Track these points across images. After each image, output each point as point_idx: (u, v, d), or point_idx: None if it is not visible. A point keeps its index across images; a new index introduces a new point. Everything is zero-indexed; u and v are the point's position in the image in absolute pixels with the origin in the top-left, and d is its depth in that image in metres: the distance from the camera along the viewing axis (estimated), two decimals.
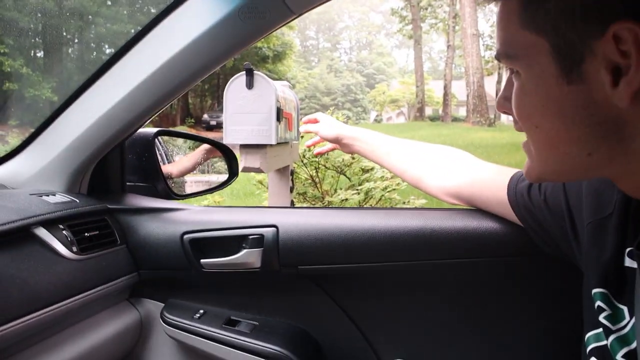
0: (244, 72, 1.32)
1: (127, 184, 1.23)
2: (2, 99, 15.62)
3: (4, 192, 1.02)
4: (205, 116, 20.07)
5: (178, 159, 1.58)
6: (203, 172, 1.68)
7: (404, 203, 3.46)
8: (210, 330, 1.05)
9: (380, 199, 3.35)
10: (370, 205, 3.33)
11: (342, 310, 1.04)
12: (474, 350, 1.00)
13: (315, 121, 1.30)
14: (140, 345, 1.15)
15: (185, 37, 0.89)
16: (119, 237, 1.07)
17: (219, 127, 18.93)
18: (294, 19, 0.85)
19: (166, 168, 1.42)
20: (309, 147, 1.31)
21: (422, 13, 33.43)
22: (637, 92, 0.42)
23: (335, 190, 3.62)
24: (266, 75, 1.41)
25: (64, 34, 19.04)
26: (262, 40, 1.23)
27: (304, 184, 3.67)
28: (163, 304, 1.14)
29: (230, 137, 1.38)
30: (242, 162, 1.52)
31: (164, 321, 1.09)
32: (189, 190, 1.55)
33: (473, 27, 21.26)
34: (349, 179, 3.70)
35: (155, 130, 1.26)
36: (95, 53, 20.43)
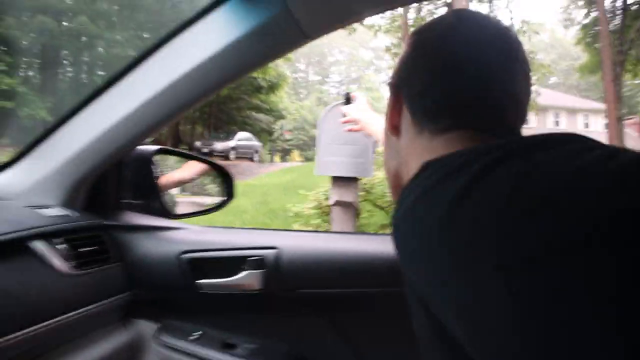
0: (343, 99, 1.26)
1: (122, 201, 1.20)
2: None
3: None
4: (198, 144, 20.07)
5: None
6: (195, 193, 1.65)
7: None
8: (206, 354, 1.01)
9: None
10: None
11: (341, 335, 1.01)
12: None
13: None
14: None
15: (197, 56, 0.88)
16: (114, 254, 1.04)
17: (210, 155, 18.91)
18: (307, 43, 0.85)
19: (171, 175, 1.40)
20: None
21: None
22: (393, 127, 0.65)
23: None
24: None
25: (63, 54, 19.16)
26: (259, 70, 1.21)
27: None
28: (157, 325, 1.10)
29: (324, 168, 1.32)
30: (334, 196, 1.43)
31: (157, 343, 1.06)
32: (181, 211, 1.53)
33: None
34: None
35: (155, 148, 1.25)
36: (92, 76, 20.52)
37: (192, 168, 1.48)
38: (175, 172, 1.46)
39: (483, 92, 0.58)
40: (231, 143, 19.75)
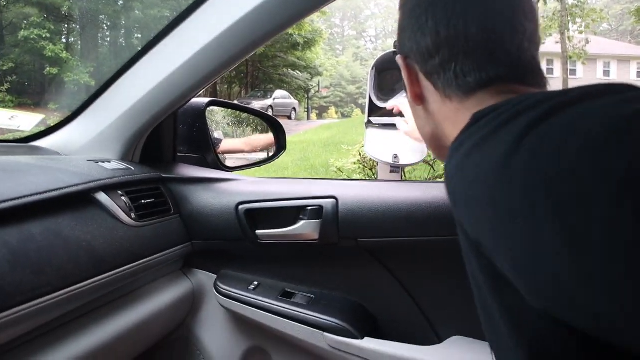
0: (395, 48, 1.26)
1: (178, 154, 1.21)
2: (43, 83, 16.07)
3: (64, 158, 1.02)
4: (236, 102, 20.21)
5: (218, 134, 1.56)
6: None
7: None
8: (265, 302, 1.02)
9: None
10: None
11: (400, 284, 1.00)
12: None
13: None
14: (192, 316, 1.14)
15: (251, 2, 0.84)
16: (173, 206, 1.06)
17: None
18: None
19: (232, 143, 1.40)
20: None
21: None
22: (416, 96, 0.64)
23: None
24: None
25: (102, 18, 19.41)
26: (294, 26, 1.15)
27: None
28: (215, 275, 1.12)
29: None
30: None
31: (218, 292, 1.08)
32: (229, 164, 1.54)
33: None
34: (433, 169, 3.78)
35: (207, 100, 1.24)
36: (132, 38, 20.74)
37: (255, 143, 1.47)
38: (236, 142, 1.46)
39: (493, 42, 0.56)
40: (268, 101, 19.76)
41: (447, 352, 0.92)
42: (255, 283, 1.07)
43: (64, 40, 18.02)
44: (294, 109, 21.74)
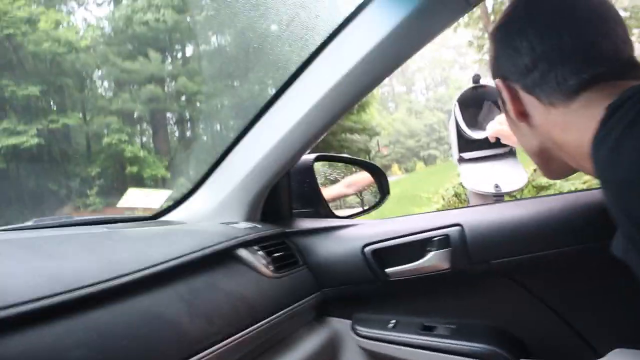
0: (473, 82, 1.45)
1: (294, 210, 1.27)
2: (126, 182, 17.44)
3: (199, 224, 1.11)
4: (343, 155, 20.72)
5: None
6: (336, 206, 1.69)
7: None
8: (408, 337, 1.02)
9: None
10: None
11: (542, 302, 0.97)
12: None
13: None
14: None
15: (361, 49, 0.90)
16: (300, 258, 1.11)
17: None
18: (469, 11, 0.85)
19: (331, 190, 1.46)
20: None
21: None
22: (520, 114, 0.68)
23: None
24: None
25: (169, 115, 21.11)
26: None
27: None
28: (349, 321, 1.13)
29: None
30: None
31: (357, 334, 1.09)
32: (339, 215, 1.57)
33: None
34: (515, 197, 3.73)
35: (314, 155, 1.31)
36: (195, 129, 22.27)
37: (355, 183, 1.53)
38: (335, 187, 1.52)
39: (588, 47, 0.60)
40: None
41: None
42: (393, 321, 1.08)
43: (139, 141, 19.68)
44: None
